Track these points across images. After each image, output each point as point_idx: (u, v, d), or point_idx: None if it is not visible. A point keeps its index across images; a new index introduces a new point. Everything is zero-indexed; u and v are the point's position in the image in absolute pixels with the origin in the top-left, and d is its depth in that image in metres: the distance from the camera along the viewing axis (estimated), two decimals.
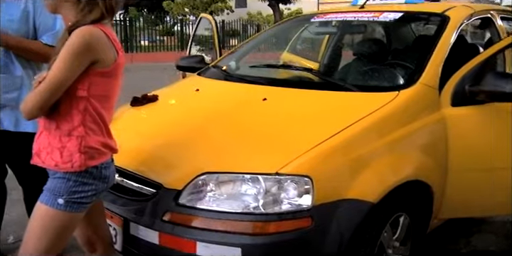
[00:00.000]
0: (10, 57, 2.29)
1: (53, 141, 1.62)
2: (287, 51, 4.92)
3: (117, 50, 1.64)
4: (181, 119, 2.28)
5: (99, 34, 1.56)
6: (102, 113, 1.63)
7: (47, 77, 1.54)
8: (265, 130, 2.06)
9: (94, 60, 1.56)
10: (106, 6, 1.59)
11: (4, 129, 2.34)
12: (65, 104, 1.59)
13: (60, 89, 1.54)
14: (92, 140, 1.61)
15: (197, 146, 2.00)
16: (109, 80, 1.63)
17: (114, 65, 1.62)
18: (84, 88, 1.57)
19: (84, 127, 1.59)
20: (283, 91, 2.39)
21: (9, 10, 2.25)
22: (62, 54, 1.53)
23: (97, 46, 1.55)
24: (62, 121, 1.60)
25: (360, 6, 3.20)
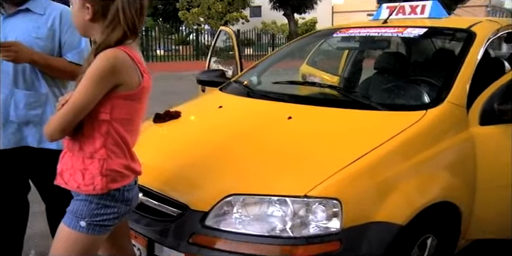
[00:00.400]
0: (36, 74, 2.30)
1: (76, 163, 1.62)
2: (306, 63, 4.92)
3: (142, 72, 1.62)
4: (205, 137, 2.26)
5: (123, 57, 1.55)
6: (124, 136, 1.62)
7: (70, 100, 1.54)
8: (291, 150, 2.03)
9: (117, 83, 1.54)
10: (128, 25, 1.57)
11: (28, 145, 2.35)
12: (87, 126, 1.58)
13: (83, 112, 1.54)
14: (114, 163, 1.60)
15: (222, 165, 1.98)
16: (133, 103, 1.61)
17: (138, 88, 1.60)
18: (106, 111, 1.56)
19: (106, 150, 1.58)
20: (308, 109, 2.37)
21: (36, 27, 2.27)
22: (85, 77, 1.53)
23: (121, 69, 1.54)
24: (85, 143, 1.60)
25: (382, 20, 3.18)
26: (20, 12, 2.28)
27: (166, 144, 2.29)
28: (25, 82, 2.28)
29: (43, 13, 2.30)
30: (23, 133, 2.33)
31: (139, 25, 1.58)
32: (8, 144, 2.30)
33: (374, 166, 1.91)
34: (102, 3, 1.56)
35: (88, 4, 1.57)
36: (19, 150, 2.34)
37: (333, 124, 2.23)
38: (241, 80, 3.10)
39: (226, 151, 2.08)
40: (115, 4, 1.54)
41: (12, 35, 2.25)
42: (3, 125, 2.28)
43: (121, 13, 1.53)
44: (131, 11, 1.54)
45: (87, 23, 1.61)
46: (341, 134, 2.14)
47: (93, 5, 1.57)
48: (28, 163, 2.44)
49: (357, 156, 1.90)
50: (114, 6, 1.54)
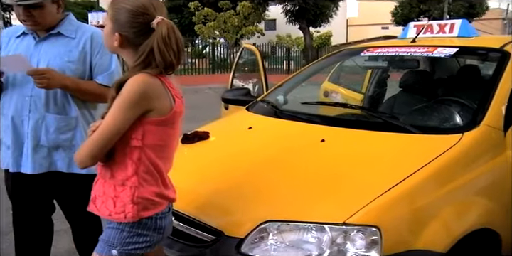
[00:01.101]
0: (66, 98, 2.30)
1: (108, 190, 1.60)
2: (328, 80, 4.89)
3: (174, 97, 1.59)
4: (238, 160, 2.24)
5: (154, 82, 1.52)
6: (157, 163, 1.58)
7: (100, 126, 1.52)
8: (326, 175, 2.00)
9: (148, 108, 1.52)
10: (166, 65, 1.53)
11: (57, 170, 2.35)
12: (119, 152, 1.56)
13: (113, 138, 1.51)
14: (145, 191, 1.56)
15: (257, 190, 1.95)
16: (165, 128, 1.57)
17: (170, 113, 1.57)
18: (138, 138, 1.53)
19: (137, 177, 1.55)
20: (340, 131, 2.33)
21: (68, 51, 2.28)
22: (116, 103, 1.51)
23: (152, 94, 1.51)
24: (116, 170, 1.57)
25: (410, 39, 3.15)
26: (52, 36, 2.30)
27: (198, 167, 2.26)
28: (57, 106, 2.29)
29: (74, 37, 2.31)
30: (53, 157, 2.32)
31: (177, 64, 1.55)
32: (38, 169, 2.30)
33: (412, 193, 1.87)
34: (131, 37, 1.55)
35: (117, 33, 1.56)
36: (48, 174, 2.34)
37: (367, 147, 2.19)
38: (268, 100, 3.08)
39: (260, 176, 2.05)
40: (148, 44, 1.51)
41: (44, 59, 2.27)
42: (33, 149, 2.28)
43: (157, 55, 1.50)
44: (168, 53, 1.51)
45: (115, 48, 1.60)
46: (376, 158, 2.10)
47: (121, 35, 1.56)
48: (56, 187, 2.44)
49: (394, 181, 1.86)
50: (146, 47, 1.51)
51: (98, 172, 1.65)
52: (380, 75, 4.09)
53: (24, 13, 2.17)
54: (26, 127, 2.28)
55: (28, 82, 2.25)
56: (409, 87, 3.48)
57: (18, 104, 2.29)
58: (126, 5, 1.55)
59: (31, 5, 2.14)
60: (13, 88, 2.30)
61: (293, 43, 32.57)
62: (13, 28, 2.48)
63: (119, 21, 1.56)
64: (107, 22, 1.60)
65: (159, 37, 1.50)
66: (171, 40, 1.52)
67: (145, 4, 1.55)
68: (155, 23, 1.53)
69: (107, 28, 1.60)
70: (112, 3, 1.60)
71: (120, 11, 1.55)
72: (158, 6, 1.57)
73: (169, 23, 1.55)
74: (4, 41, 2.37)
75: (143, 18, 1.53)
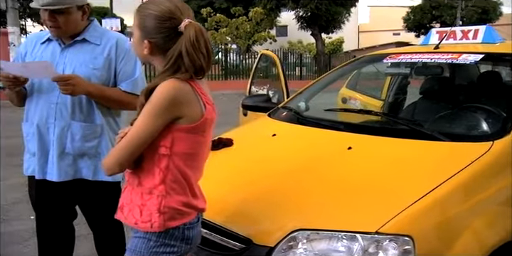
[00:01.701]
0: (92, 106, 2.30)
1: (135, 198, 1.57)
2: (345, 87, 4.87)
3: (205, 103, 1.55)
4: (264, 167, 2.22)
5: (185, 87, 1.49)
6: (186, 172, 1.54)
7: (129, 133, 1.49)
8: (356, 183, 1.97)
9: (178, 115, 1.48)
10: (196, 69, 1.50)
11: (83, 177, 2.34)
12: (147, 160, 1.53)
13: (141, 146, 1.48)
14: (172, 200, 1.53)
15: (286, 198, 1.93)
16: (195, 136, 1.53)
17: (201, 120, 1.52)
18: (167, 145, 1.50)
19: (165, 186, 1.52)
20: (367, 139, 2.30)
21: (93, 58, 2.28)
22: (145, 109, 1.47)
23: (182, 101, 1.47)
24: (144, 177, 1.54)
25: (432, 46, 3.12)
26: (77, 42, 2.30)
27: (225, 175, 2.23)
28: (82, 114, 2.29)
29: (99, 43, 2.31)
30: (79, 165, 2.32)
31: (207, 68, 1.52)
32: (64, 177, 2.30)
33: (443, 202, 1.83)
34: (160, 42, 1.52)
35: (146, 40, 1.54)
36: (73, 182, 2.33)
37: (394, 155, 2.16)
38: (289, 106, 3.06)
39: (289, 184, 2.02)
40: (176, 48, 1.48)
41: (70, 66, 2.27)
42: (59, 157, 2.28)
43: (185, 58, 1.47)
44: (197, 56, 1.48)
45: (146, 56, 1.57)
46: (405, 166, 2.07)
47: (150, 42, 1.53)
48: (81, 194, 2.43)
49: (425, 190, 1.83)
50: (174, 51, 1.49)
51: (126, 179, 1.63)
52: (400, 82, 4.06)
53: (49, 19, 2.17)
54: (52, 135, 2.28)
55: (54, 90, 2.25)
56: (430, 94, 3.45)
57: (43, 111, 2.29)
58: (152, 11, 1.53)
59: (56, 10, 2.15)
60: (39, 95, 2.31)
61: (304, 49, 32.59)
62: (38, 33, 2.48)
63: (146, 28, 1.53)
64: (135, 30, 1.58)
65: (187, 40, 1.47)
66: (200, 43, 1.49)
67: (171, 8, 1.52)
68: (182, 27, 1.50)
69: (135, 37, 1.58)
70: (137, 11, 1.57)
71: (147, 18, 1.53)
72: (184, 9, 1.55)
73: (197, 25, 1.51)
74: (29, 47, 2.39)
75: (170, 22, 1.51)
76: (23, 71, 2.17)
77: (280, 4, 24.27)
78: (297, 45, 33.57)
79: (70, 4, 2.16)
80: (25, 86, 2.29)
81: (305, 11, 25.20)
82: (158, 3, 1.54)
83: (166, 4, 1.54)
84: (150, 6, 1.55)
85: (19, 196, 4.64)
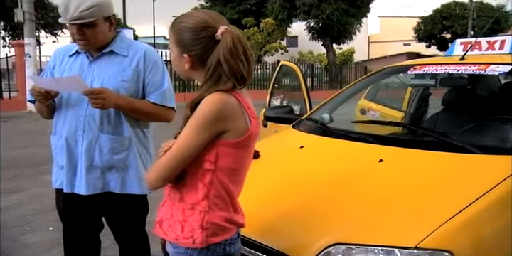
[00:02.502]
0: (120, 118, 2.29)
1: (176, 213, 1.54)
2: (364, 98, 4.84)
3: (250, 118, 1.51)
4: (296, 181, 2.19)
5: (231, 101, 1.46)
6: (229, 187, 1.52)
7: (173, 147, 1.46)
8: (390, 196, 1.94)
9: (224, 129, 1.45)
10: (236, 77, 1.47)
11: (110, 190, 2.33)
12: (190, 175, 1.49)
13: (186, 160, 1.45)
14: (215, 216, 1.50)
15: (321, 212, 1.90)
16: (239, 151, 1.49)
17: (246, 135, 1.48)
18: (211, 160, 1.47)
19: (208, 202, 1.48)
20: (397, 151, 2.27)
21: (122, 70, 2.27)
22: (190, 123, 1.44)
23: (228, 115, 1.44)
24: (186, 193, 1.51)
25: (457, 57, 3.09)
26: (105, 54, 2.30)
27: (257, 189, 2.19)
28: (110, 126, 2.27)
29: (126, 55, 2.30)
30: (106, 178, 2.31)
31: (249, 76, 1.48)
32: (92, 190, 2.29)
33: (481, 217, 1.79)
34: (200, 54, 1.49)
35: (185, 55, 1.51)
36: (101, 195, 2.32)
37: (427, 167, 2.13)
38: (314, 118, 3.04)
39: (322, 197, 2.00)
40: (214, 56, 1.46)
41: (98, 79, 2.26)
42: (87, 170, 2.27)
43: (225, 66, 1.44)
44: (236, 63, 1.45)
45: (188, 71, 1.54)
46: (439, 179, 2.03)
47: (190, 55, 1.50)
48: (108, 207, 2.42)
49: (462, 204, 1.79)
50: (213, 59, 1.46)
51: (166, 194, 1.60)
52: (422, 93, 4.03)
53: (78, 32, 2.17)
54: (80, 147, 2.28)
55: (83, 102, 2.25)
56: (453, 105, 3.42)
57: (72, 124, 2.28)
58: (185, 24, 1.51)
59: (84, 24, 2.15)
60: (67, 108, 2.31)
61: (315, 59, 32.65)
62: (66, 46, 2.48)
63: (184, 42, 1.51)
64: (172, 48, 1.56)
65: (224, 47, 1.45)
66: (238, 50, 1.45)
67: (204, 18, 1.50)
68: (219, 34, 1.47)
69: (174, 54, 1.56)
70: (171, 27, 1.55)
71: (182, 32, 1.51)
72: (217, 17, 1.53)
73: (234, 32, 1.49)
74: (58, 60, 2.39)
75: (206, 31, 1.48)
76: (54, 85, 2.17)
77: (292, 15, 24.36)
78: (308, 55, 33.62)
79: (98, 16, 2.16)
80: (54, 99, 2.30)
81: (316, 21, 25.30)
82: (191, 15, 1.53)
83: (199, 15, 1.53)
84: (183, 19, 1.54)
85: (38, 206, 4.67)
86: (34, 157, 7.20)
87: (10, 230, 4.02)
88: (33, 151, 7.74)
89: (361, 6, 24.70)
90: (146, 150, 2.40)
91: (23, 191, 5.26)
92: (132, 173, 2.32)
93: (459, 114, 3.23)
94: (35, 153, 7.58)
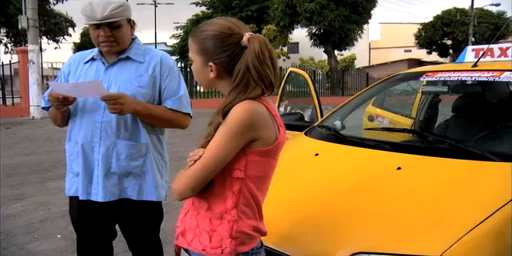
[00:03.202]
0: (137, 124, 2.27)
1: (202, 223, 1.51)
2: (372, 105, 4.83)
3: (279, 126, 1.51)
4: (314, 187, 2.17)
5: (261, 110, 1.44)
6: (256, 195, 1.50)
7: (203, 156, 1.43)
8: (411, 204, 1.92)
9: (254, 138, 1.43)
10: (265, 83, 1.45)
11: (127, 197, 2.30)
12: (218, 184, 1.47)
13: (217, 169, 1.43)
14: (244, 224, 1.48)
15: (341, 220, 1.88)
16: (267, 159, 1.47)
17: (275, 143, 1.47)
18: (241, 168, 1.45)
19: (237, 211, 1.47)
20: (414, 159, 2.25)
21: (138, 76, 2.26)
22: (221, 132, 1.42)
23: (259, 123, 1.42)
24: (214, 202, 1.49)
25: (469, 64, 3.08)
26: (121, 60, 2.29)
27: (275, 196, 2.15)
28: (127, 132, 2.26)
29: (142, 61, 2.30)
30: (123, 185, 2.28)
31: (276, 81, 1.47)
32: (110, 197, 2.26)
33: (505, 225, 1.77)
34: (226, 61, 1.47)
35: (211, 63, 1.48)
36: (117, 202, 2.29)
37: (446, 175, 2.11)
38: (326, 125, 3.03)
39: (343, 205, 1.97)
40: (242, 63, 1.44)
41: (115, 84, 2.25)
42: (104, 177, 2.24)
43: (253, 72, 1.43)
44: (264, 69, 1.43)
45: (212, 80, 1.51)
46: (460, 187, 2.01)
47: (216, 63, 1.48)
48: (123, 214, 2.39)
49: (485, 214, 1.77)
50: (241, 65, 1.44)
51: (189, 203, 1.57)
52: (432, 100, 4.01)
53: (105, 34, 2.18)
54: (97, 154, 2.25)
55: (99, 108, 2.24)
56: (463, 112, 3.40)
57: (88, 130, 2.26)
58: (209, 32, 1.48)
59: (112, 24, 2.17)
60: (83, 114, 2.29)
61: (316, 66, 32.71)
62: (81, 53, 2.47)
63: (209, 50, 1.48)
64: (194, 57, 1.53)
65: (252, 53, 1.43)
66: (265, 55, 1.44)
67: (228, 25, 1.48)
68: (245, 40, 1.45)
69: (196, 64, 1.53)
70: (193, 37, 1.53)
71: (206, 40, 1.48)
72: (239, 23, 1.51)
73: (261, 37, 1.47)
74: (73, 66, 2.38)
75: (232, 38, 1.46)
76: (73, 91, 2.15)
77: (293, 21, 24.42)
78: (309, 62, 33.69)
79: (124, 17, 2.20)
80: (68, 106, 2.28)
81: (318, 28, 25.35)
82: (213, 23, 1.51)
83: (221, 22, 1.50)
84: (205, 27, 1.51)
85: (45, 214, 4.64)
86: (38, 164, 7.18)
87: (17, 237, 3.98)
88: (36, 158, 7.73)
89: (363, 12, 24.73)
90: (161, 157, 2.38)
91: (28, 198, 5.22)
92: (149, 179, 2.30)
93: (470, 121, 3.21)
94: (39, 159, 7.57)
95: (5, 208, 4.81)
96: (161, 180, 2.35)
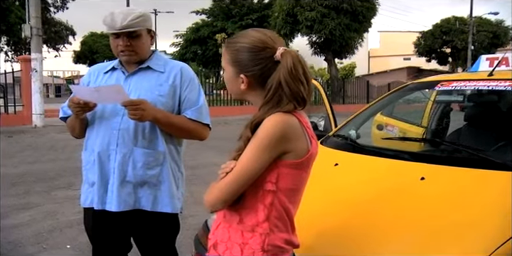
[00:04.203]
0: (155, 132, 2.24)
1: (234, 236, 1.49)
2: (380, 113, 4.81)
3: (310, 138, 1.49)
4: (335, 199, 2.14)
5: (293, 122, 1.43)
6: (289, 208, 1.48)
7: (235, 168, 1.42)
8: (441, 217, 1.87)
9: (286, 150, 1.42)
10: (297, 99, 1.43)
11: (141, 208, 2.26)
12: (250, 196, 1.46)
13: (248, 181, 1.42)
14: (276, 237, 1.46)
15: (370, 232, 1.85)
16: (299, 172, 1.46)
17: (306, 155, 1.45)
18: (272, 181, 1.43)
19: (269, 224, 1.45)
20: (437, 169, 2.23)
21: (159, 85, 2.25)
22: (253, 144, 1.41)
23: (291, 136, 1.41)
24: (246, 215, 1.47)
25: (484, 73, 3.07)
26: (141, 70, 2.28)
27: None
28: (145, 140, 2.23)
29: (163, 71, 2.29)
30: (138, 194, 2.25)
31: (309, 97, 1.45)
32: (124, 207, 2.22)
33: None
34: (258, 75, 1.46)
35: (242, 75, 1.47)
36: (131, 212, 2.25)
37: (472, 185, 2.09)
38: (342, 134, 3.01)
39: (368, 215, 1.94)
40: (275, 78, 1.43)
41: (135, 93, 2.23)
42: (119, 185, 2.21)
43: (285, 88, 1.41)
44: (296, 85, 1.42)
45: (243, 91, 1.51)
46: (488, 198, 1.99)
47: (248, 76, 1.47)
48: (138, 225, 2.36)
49: None
50: (273, 80, 1.43)
51: (221, 216, 1.55)
52: (444, 108, 4.00)
53: (124, 43, 2.19)
54: (113, 162, 2.22)
55: (117, 115, 2.22)
56: (476, 121, 3.39)
57: (105, 138, 2.24)
58: (243, 44, 1.48)
59: (131, 34, 2.17)
60: (101, 121, 2.27)
61: (316, 74, 32.79)
62: (101, 64, 2.48)
63: (241, 62, 1.48)
64: (226, 67, 1.52)
65: (285, 69, 1.41)
66: (298, 71, 1.42)
67: (262, 38, 1.47)
68: (279, 55, 1.44)
69: (228, 74, 1.52)
70: (226, 48, 1.53)
71: (239, 52, 1.48)
72: (274, 37, 1.50)
73: (294, 52, 1.46)
74: (92, 76, 2.37)
75: (265, 52, 1.45)
76: (94, 96, 2.14)
77: (294, 30, 24.54)
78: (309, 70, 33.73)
79: (144, 27, 2.21)
80: (87, 114, 2.26)
81: (319, 36, 25.44)
82: (248, 35, 1.50)
83: (256, 35, 1.49)
84: (239, 39, 1.51)
85: (53, 223, 4.60)
86: (43, 172, 7.15)
87: (26, 247, 3.95)
88: (41, 167, 7.70)
89: (363, 21, 24.84)
90: (178, 167, 2.36)
91: (35, 208, 5.18)
92: (165, 189, 2.26)
93: (484, 130, 3.19)
94: (44, 168, 7.54)
95: (12, 218, 4.77)
96: (176, 192, 2.32)
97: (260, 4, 30.79)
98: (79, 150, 2.44)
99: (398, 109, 4.87)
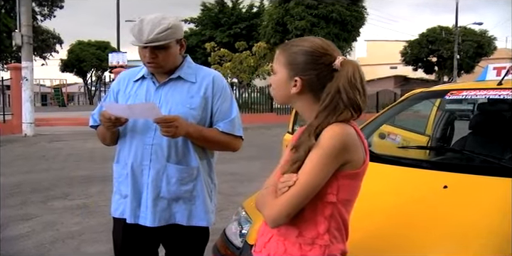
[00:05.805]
0: (187, 147, 2.18)
1: (291, 249, 1.47)
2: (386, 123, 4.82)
3: (365, 148, 1.50)
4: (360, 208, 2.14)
5: (352, 133, 1.42)
6: (346, 219, 1.48)
7: (298, 181, 1.39)
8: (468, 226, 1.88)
9: (346, 161, 1.41)
10: (353, 107, 1.44)
11: (176, 223, 2.21)
12: (309, 209, 1.44)
13: (312, 194, 1.40)
14: (335, 248, 1.45)
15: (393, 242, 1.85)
16: (355, 182, 1.47)
17: (363, 166, 1.46)
18: (333, 192, 1.43)
19: (329, 235, 1.44)
20: (458, 177, 2.24)
21: (190, 97, 2.18)
22: (314, 156, 1.39)
23: (351, 146, 1.41)
24: (305, 228, 1.46)
25: (493, 82, 3.11)
26: (172, 80, 2.20)
27: None
28: (177, 156, 2.17)
29: (194, 81, 2.21)
30: (172, 209, 2.20)
31: (364, 106, 1.46)
32: (159, 222, 2.17)
33: None
34: (312, 80, 1.46)
35: (297, 78, 1.47)
36: (166, 227, 2.21)
37: (495, 193, 2.11)
38: None
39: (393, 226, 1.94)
40: (333, 86, 1.43)
41: (166, 106, 2.16)
42: (153, 201, 2.16)
43: (343, 95, 1.42)
44: (354, 94, 1.43)
45: (292, 95, 1.50)
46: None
47: (303, 80, 1.47)
48: (171, 240, 2.31)
49: None
50: (331, 88, 1.43)
51: (273, 230, 1.52)
52: (448, 117, 4.04)
53: (150, 55, 2.09)
54: (146, 177, 2.17)
55: (149, 130, 2.16)
56: (481, 129, 3.42)
57: (138, 152, 2.18)
58: (303, 47, 1.48)
59: (158, 46, 2.07)
60: (133, 135, 2.21)
61: None
62: (131, 70, 2.37)
63: (298, 65, 1.47)
64: (280, 69, 1.51)
65: (345, 77, 1.43)
66: (357, 80, 1.44)
67: (323, 45, 1.49)
68: (338, 64, 1.45)
69: (280, 76, 1.51)
70: (283, 50, 1.52)
71: (298, 55, 1.48)
72: (333, 46, 1.51)
73: (354, 62, 1.48)
74: (122, 85, 2.30)
75: (325, 58, 1.46)
76: (127, 112, 2.08)
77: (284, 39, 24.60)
78: None
79: (172, 39, 2.09)
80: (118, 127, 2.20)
81: None
82: (309, 40, 1.51)
83: (317, 40, 1.51)
84: (299, 42, 1.51)
85: (54, 234, 4.52)
86: (38, 182, 7.04)
87: None
88: (35, 177, 7.58)
89: (352, 30, 25.04)
90: (211, 180, 2.30)
91: (33, 219, 5.09)
92: (199, 204, 2.21)
93: (490, 139, 3.23)
94: (38, 178, 7.42)
95: (12, 229, 4.68)
96: (210, 205, 2.27)
97: (249, 13, 30.82)
98: (71, 159, 2.40)
99: (400, 117, 4.91)
